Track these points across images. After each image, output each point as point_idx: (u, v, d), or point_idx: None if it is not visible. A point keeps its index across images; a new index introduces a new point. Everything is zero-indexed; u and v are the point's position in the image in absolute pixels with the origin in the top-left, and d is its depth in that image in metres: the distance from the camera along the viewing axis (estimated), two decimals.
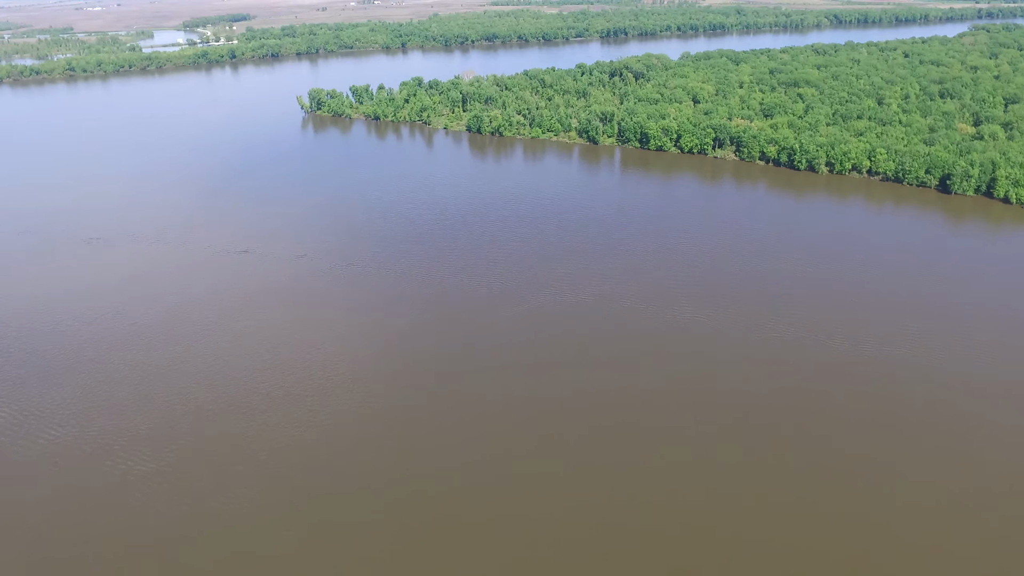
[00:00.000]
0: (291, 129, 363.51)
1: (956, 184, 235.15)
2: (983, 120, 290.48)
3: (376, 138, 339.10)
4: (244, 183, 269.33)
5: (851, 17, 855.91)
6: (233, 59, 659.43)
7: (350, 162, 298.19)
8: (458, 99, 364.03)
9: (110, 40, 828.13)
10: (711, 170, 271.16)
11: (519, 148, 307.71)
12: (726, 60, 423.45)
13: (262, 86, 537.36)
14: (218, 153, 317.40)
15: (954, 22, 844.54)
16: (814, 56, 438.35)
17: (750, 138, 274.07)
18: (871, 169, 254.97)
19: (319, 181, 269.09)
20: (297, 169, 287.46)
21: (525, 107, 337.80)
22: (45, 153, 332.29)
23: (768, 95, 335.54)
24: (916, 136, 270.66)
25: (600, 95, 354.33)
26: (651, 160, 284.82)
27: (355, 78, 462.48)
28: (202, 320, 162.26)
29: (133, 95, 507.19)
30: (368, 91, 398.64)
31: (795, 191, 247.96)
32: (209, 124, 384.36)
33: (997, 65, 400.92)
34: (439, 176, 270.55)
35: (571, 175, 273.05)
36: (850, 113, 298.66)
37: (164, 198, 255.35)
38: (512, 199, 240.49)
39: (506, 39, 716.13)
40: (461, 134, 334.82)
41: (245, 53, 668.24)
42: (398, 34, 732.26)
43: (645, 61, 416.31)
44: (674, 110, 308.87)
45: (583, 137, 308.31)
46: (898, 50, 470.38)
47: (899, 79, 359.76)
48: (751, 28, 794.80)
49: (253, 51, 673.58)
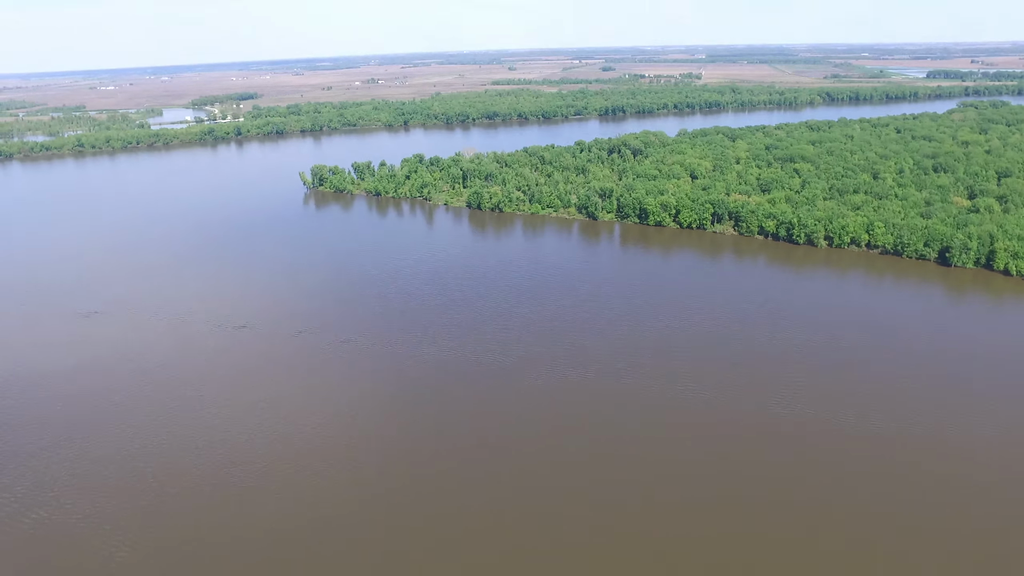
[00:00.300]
0: (293, 205, 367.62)
1: (955, 257, 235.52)
2: (978, 193, 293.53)
3: (377, 214, 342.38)
4: (245, 258, 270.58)
5: (843, 95, 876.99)
6: (239, 136, 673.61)
7: (350, 237, 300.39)
8: (459, 176, 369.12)
9: (120, 118, 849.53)
10: (711, 245, 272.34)
11: (519, 224, 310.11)
12: (722, 137, 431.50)
13: (266, 162, 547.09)
14: (220, 228, 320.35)
15: (942, 99, 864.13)
16: (808, 132, 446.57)
17: (748, 213, 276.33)
18: (870, 242, 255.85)
19: (319, 256, 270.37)
20: (297, 244, 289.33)
21: (525, 183, 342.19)
22: (49, 227, 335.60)
23: (765, 171, 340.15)
24: (913, 209, 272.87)
25: (599, 171, 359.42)
26: (650, 235, 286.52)
27: (358, 155, 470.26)
28: (195, 397, 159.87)
29: (139, 170, 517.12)
30: (370, 167, 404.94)
31: (795, 265, 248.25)
32: (212, 199, 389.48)
33: (987, 140, 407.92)
34: (439, 251, 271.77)
35: (571, 250, 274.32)
36: (846, 187, 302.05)
37: (165, 272, 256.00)
38: (512, 275, 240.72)
39: (506, 117, 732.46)
40: (461, 210, 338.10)
41: (251, 130, 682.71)
42: (400, 112, 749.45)
43: (643, 138, 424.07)
44: (672, 186, 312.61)
45: (582, 213, 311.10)
46: (890, 126, 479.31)
47: (893, 154, 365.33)
48: (746, 106, 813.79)
49: (258, 128, 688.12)
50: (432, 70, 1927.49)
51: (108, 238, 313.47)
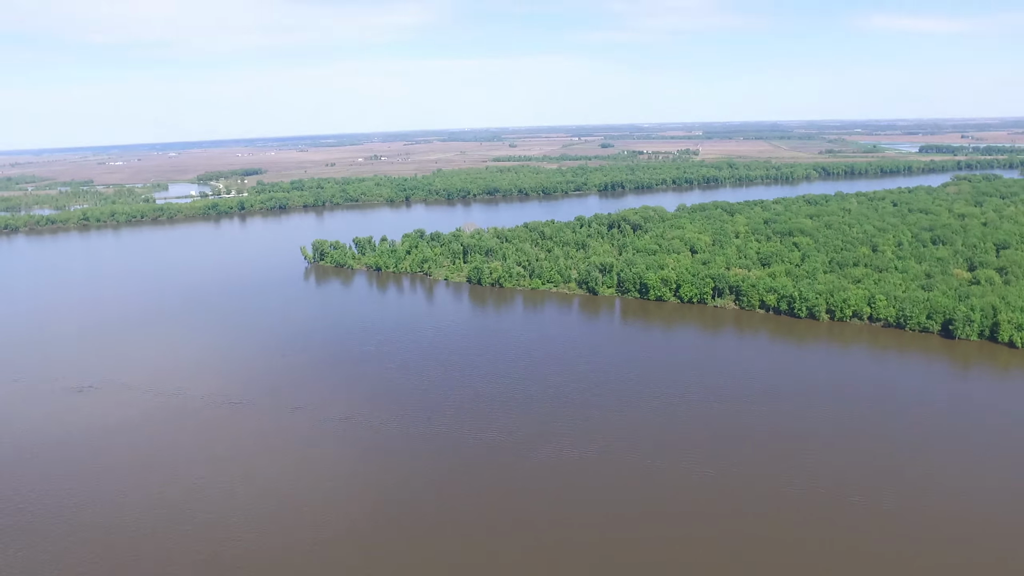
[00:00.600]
0: (293, 279, 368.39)
1: (959, 329, 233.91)
2: (977, 265, 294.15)
3: (377, 289, 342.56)
4: (243, 332, 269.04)
5: (838, 169, 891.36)
6: (242, 211, 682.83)
7: (350, 313, 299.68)
8: (459, 251, 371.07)
9: (126, 192, 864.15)
10: (712, 320, 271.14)
11: (519, 299, 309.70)
12: (721, 211, 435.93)
13: (267, 237, 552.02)
14: (219, 302, 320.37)
15: (936, 173, 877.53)
16: (806, 206, 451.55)
17: (749, 287, 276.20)
18: (872, 315, 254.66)
19: (318, 331, 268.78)
20: (296, 319, 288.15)
21: (525, 259, 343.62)
22: (48, 299, 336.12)
23: (764, 244, 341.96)
24: (913, 282, 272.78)
25: (599, 247, 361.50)
26: (651, 310, 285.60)
27: (359, 230, 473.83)
28: (187, 475, 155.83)
29: (141, 244, 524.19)
30: (371, 242, 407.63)
31: (797, 339, 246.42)
32: (212, 273, 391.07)
33: (983, 212, 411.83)
34: (439, 327, 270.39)
35: (572, 326, 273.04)
36: (846, 261, 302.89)
37: (162, 346, 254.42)
38: (513, 351, 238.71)
39: (507, 193, 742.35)
40: (462, 285, 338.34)
41: (254, 205, 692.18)
42: (402, 188, 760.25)
43: (642, 213, 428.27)
44: (672, 260, 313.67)
45: (583, 288, 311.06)
46: (886, 199, 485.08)
47: (890, 227, 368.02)
48: (743, 181, 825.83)
49: (262, 203, 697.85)
50: (434, 147, 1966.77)
51: (106, 311, 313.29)
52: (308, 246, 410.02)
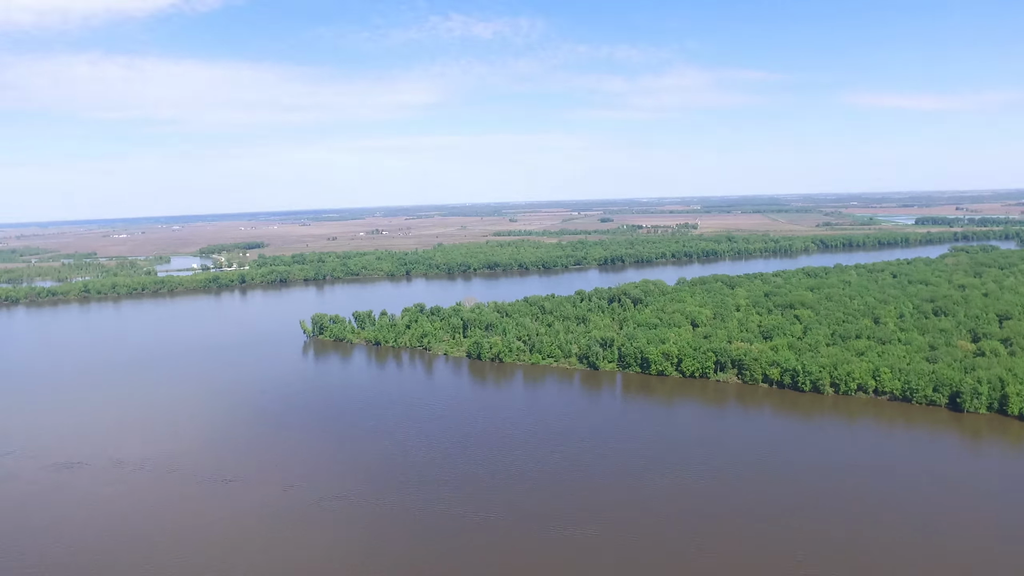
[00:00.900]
0: (291, 354, 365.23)
1: (967, 402, 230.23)
2: (981, 337, 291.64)
3: (376, 364, 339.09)
4: (239, 407, 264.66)
5: (836, 242, 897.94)
6: (243, 284, 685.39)
7: (347, 388, 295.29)
8: (459, 325, 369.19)
9: (129, 264, 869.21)
10: (715, 394, 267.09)
11: (519, 375, 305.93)
12: (721, 284, 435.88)
13: (267, 310, 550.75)
14: (216, 376, 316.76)
15: (933, 244, 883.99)
16: (806, 279, 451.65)
17: (752, 360, 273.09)
18: (877, 388, 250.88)
19: (313, 407, 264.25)
20: (293, 394, 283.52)
21: (525, 333, 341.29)
22: (41, 371, 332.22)
23: (766, 317, 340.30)
24: (918, 354, 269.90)
25: (599, 321, 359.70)
26: (653, 385, 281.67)
27: (359, 304, 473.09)
28: (176, 556, 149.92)
29: (139, 317, 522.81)
30: (370, 316, 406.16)
31: (802, 413, 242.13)
32: (208, 346, 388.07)
33: (983, 283, 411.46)
34: (438, 403, 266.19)
35: (572, 402, 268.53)
36: (848, 333, 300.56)
37: (152, 421, 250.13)
38: (512, 427, 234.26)
39: (507, 267, 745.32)
40: (461, 360, 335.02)
41: (255, 278, 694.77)
42: (403, 262, 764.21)
43: (643, 287, 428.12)
44: (674, 334, 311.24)
45: (583, 363, 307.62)
46: (886, 271, 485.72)
47: (892, 298, 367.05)
48: (742, 254, 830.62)
49: (263, 276, 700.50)
50: (435, 221, 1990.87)
51: (99, 384, 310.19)
52: (307, 320, 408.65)
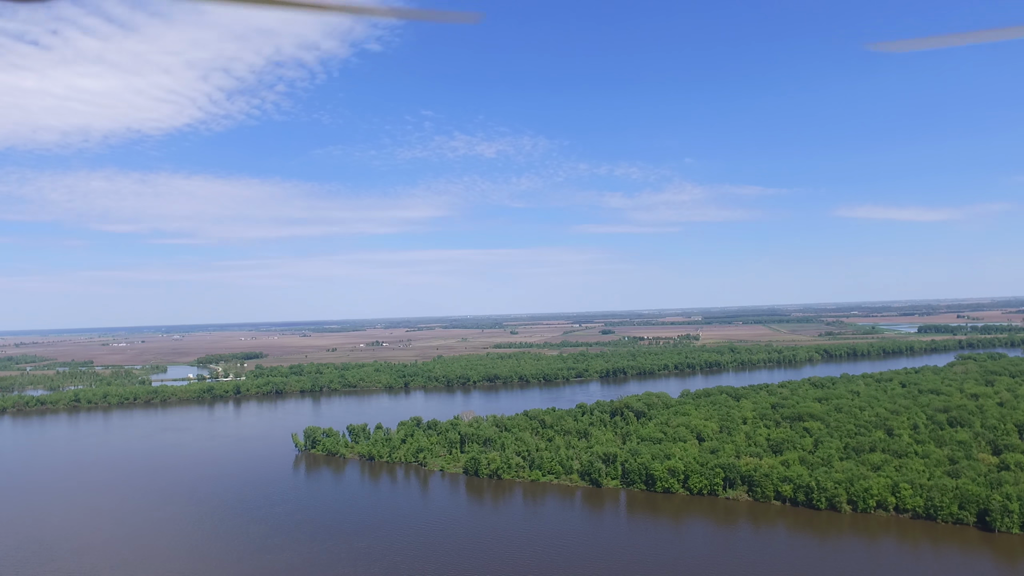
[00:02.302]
0: (281, 469, 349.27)
1: (997, 520, 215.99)
2: (1003, 449, 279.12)
3: (369, 480, 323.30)
4: (220, 527, 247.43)
5: (840, 351, 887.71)
6: (238, 395, 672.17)
7: (338, 507, 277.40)
8: (456, 440, 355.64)
9: (124, 373, 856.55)
10: (725, 513, 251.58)
11: (519, 493, 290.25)
12: (726, 396, 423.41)
13: (260, 422, 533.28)
14: (194, 496, 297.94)
15: (938, 353, 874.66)
16: (813, 390, 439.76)
17: (762, 477, 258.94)
18: (898, 506, 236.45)
19: (303, 528, 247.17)
20: (280, 515, 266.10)
21: (525, 448, 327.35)
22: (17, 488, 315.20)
23: (774, 430, 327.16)
24: (937, 468, 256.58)
25: (601, 435, 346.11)
26: (659, 504, 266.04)
27: (355, 417, 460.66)
28: None
29: (128, 428, 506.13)
30: (365, 430, 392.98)
31: (819, 534, 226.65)
32: (194, 461, 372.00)
33: (996, 392, 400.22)
34: (432, 525, 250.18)
35: (574, 524, 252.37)
36: (861, 446, 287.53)
37: (123, 544, 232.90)
38: (512, 551, 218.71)
39: (507, 380, 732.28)
40: (458, 477, 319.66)
41: (250, 389, 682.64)
42: (401, 374, 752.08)
43: (646, 400, 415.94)
44: (679, 449, 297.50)
45: (585, 480, 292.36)
46: (894, 380, 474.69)
47: (903, 409, 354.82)
48: (746, 365, 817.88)
49: (258, 387, 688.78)
50: (436, 333, 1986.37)
51: (71, 501, 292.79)
52: (300, 433, 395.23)
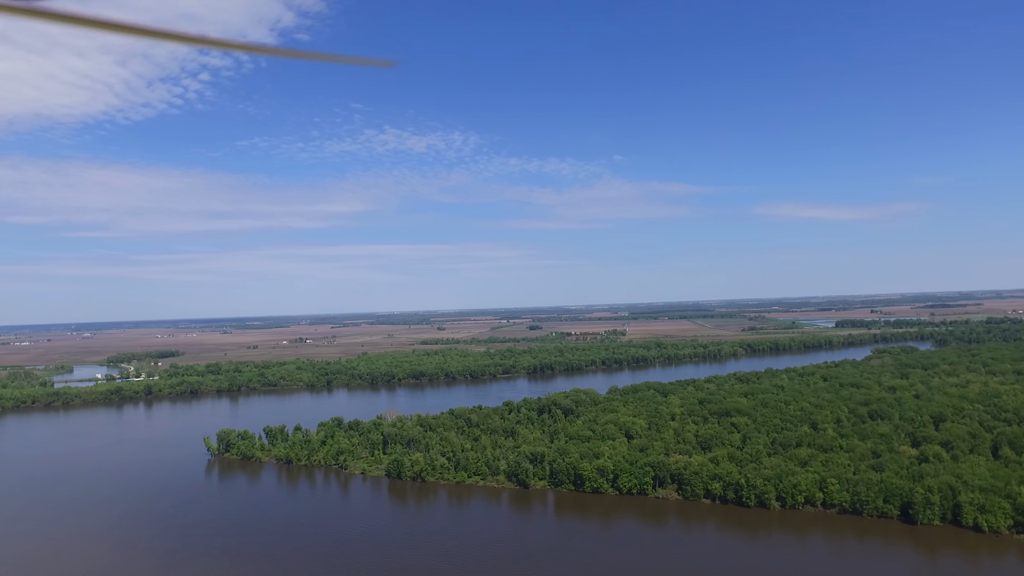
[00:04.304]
0: (192, 475, 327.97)
1: (919, 513, 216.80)
2: (921, 441, 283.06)
3: (286, 485, 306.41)
4: (120, 546, 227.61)
5: (763, 345, 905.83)
6: (149, 395, 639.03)
7: (250, 515, 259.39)
8: (379, 441, 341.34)
9: (23, 374, 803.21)
10: (654, 512, 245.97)
11: (443, 495, 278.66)
12: (654, 392, 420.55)
13: (173, 425, 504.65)
14: (98, 506, 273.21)
15: (855, 347, 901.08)
16: (739, 385, 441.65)
17: (692, 475, 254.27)
18: (825, 501, 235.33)
19: (212, 541, 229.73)
20: (189, 526, 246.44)
21: (450, 449, 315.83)
22: None
23: (702, 426, 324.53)
24: (862, 462, 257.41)
25: (529, 434, 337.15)
26: (588, 504, 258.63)
27: (274, 417, 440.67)
28: None
29: (19, 433, 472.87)
30: (283, 432, 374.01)
31: (748, 531, 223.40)
32: (97, 469, 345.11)
33: (911, 385, 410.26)
34: (351, 532, 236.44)
35: (502, 527, 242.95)
36: (788, 441, 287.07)
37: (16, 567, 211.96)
38: (434, 559, 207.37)
39: (433, 377, 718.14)
40: (380, 479, 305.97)
41: (163, 389, 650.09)
42: (324, 372, 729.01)
43: (574, 397, 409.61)
44: (608, 448, 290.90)
45: (512, 481, 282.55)
46: (816, 374, 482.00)
47: (826, 403, 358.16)
48: (672, 360, 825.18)
49: (171, 387, 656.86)
50: (362, 330, 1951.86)
51: None
52: (212, 436, 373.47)
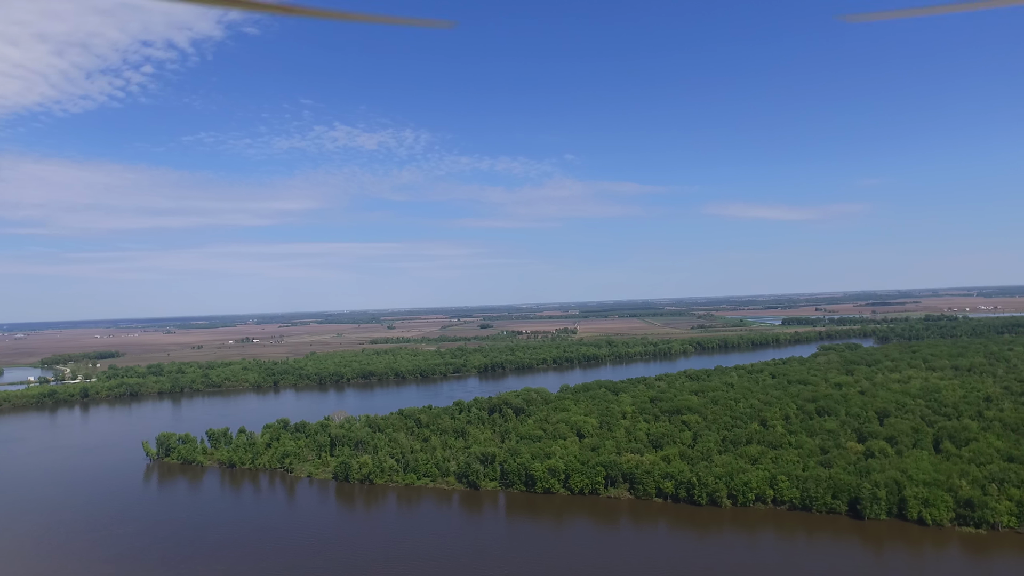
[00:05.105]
0: (129, 482, 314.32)
1: (867, 508, 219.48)
2: (867, 436, 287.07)
3: (229, 491, 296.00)
4: (50, 559, 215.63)
5: (712, 343, 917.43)
6: (85, 398, 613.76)
7: (193, 524, 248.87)
8: (326, 443, 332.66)
9: None
10: (606, 512, 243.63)
11: (392, 498, 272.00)
12: (605, 391, 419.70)
13: (110, 429, 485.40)
14: (26, 518, 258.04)
15: (801, 344, 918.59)
16: (689, 382, 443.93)
17: (644, 474, 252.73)
18: (776, 498, 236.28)
19: (150, 552, 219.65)
20: (124, 537, 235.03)
21: (399, 450, 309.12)
22: None
23: (653, 425, 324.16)
24: (811, 458, 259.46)
25: (479, 434, 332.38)
26: (539, 505, 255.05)
27: (219, 419, 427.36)
28: None
29: None
30: (227, 435, 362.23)
31: (700, 530, 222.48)
32: (27, 478, 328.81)
33: (856, 381, 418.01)
34: (296, 539, 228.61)
35: (453, 531, 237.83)
36: (739, 438, 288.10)
37: None
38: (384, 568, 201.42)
39: (383, 377, 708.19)
40: (327, 483, 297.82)
41: (100, 392, 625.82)
42: (271, 372, 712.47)
43: (525, 396, 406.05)
44: (559, 447, 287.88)
45: (463, 482, 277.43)
46: (764, 371, 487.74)
47: (775, 400, 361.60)
48: (623, 358, 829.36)
49: (110, 390, 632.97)
50: (311, 329, 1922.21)
51: None
52: (152, 440, 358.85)
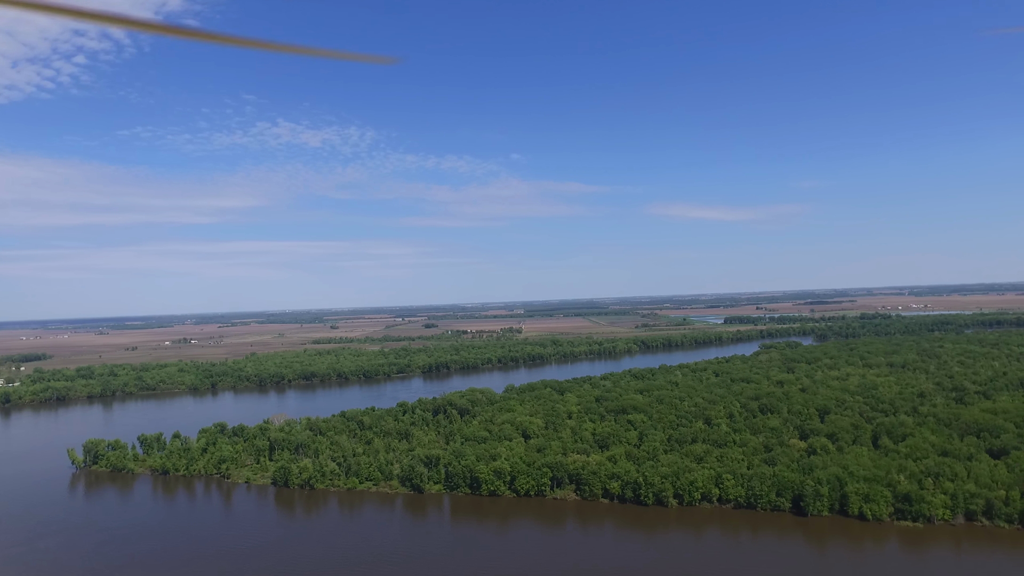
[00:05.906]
0: (53, 492, 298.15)
1: (809, 505, 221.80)
2: (809, 433, 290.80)
3: (162, 499, 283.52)
4: None
5: (656, 342, 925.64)
6: (7, 403, 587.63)
7: (122, 535, 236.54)
8: (265, 447, 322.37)
9: None
10: (553, 513, 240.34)
11: (333, 504, 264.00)
12: (551, 391, 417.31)
13: (34, 436, 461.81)
14: None
15: (743, 342, 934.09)
16: (635, 381, 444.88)
17: (590, 475, 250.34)
18: (721, 497, 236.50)
19: (73, 567, 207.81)
20: (48, 551, 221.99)
21: (341, 454, 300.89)
22: None
23: (599, 424, 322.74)
24: (755, 456, 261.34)
25: (424, 436, 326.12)
26: (485, 508, 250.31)
27: (152, 424, 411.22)
28: None
29: None
30: (160, 440, 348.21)
31: (646, 530, 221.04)
32: None
33: (797, 379, 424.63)
34: (234, 548, 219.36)
35: (394, 537, 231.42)
36: (684, 437, 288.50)
37: None
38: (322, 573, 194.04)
39: (325, 378, 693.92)
40: (266, 488, 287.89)
41: (24, 396, 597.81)
42: (209, 374, 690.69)
43: (470, 396, 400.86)
44: (505, 448, 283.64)
45: (406, 486, 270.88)
46: (708, 370, 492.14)
47: (719, 398, 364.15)
48: (568, 357, 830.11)
49: (34, 394, 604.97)
50: (251, 329, 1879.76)
51: None
52: (78, 447, 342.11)
